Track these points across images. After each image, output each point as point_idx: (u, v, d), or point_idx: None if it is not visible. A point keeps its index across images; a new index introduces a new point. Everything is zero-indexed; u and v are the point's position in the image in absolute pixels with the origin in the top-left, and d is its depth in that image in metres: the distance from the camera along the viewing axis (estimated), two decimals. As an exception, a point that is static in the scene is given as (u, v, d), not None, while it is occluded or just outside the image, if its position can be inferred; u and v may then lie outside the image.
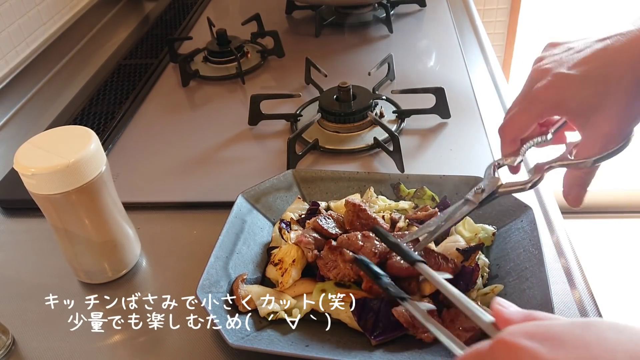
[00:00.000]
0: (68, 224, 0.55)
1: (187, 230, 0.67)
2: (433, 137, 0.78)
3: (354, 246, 0.53)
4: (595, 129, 0.43)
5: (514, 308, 0.33)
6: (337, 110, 0.79)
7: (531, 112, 0.46)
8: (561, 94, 0.44)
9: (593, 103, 0.42)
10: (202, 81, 0.99)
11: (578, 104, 0.43)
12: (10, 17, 0.98)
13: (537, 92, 0.45)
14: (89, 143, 0.53)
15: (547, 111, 0.46)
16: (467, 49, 1.01)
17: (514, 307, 0.33)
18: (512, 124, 0.48)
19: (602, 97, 0.42)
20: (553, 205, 0.66)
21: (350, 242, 0.54)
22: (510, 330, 0.29)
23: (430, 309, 0.45)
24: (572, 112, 0.44)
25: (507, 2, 1.84)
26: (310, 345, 0.49)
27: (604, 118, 0.42)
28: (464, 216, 0.50)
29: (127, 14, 1.33)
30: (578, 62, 0.43)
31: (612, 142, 0.43)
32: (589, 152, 0.44)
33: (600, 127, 0.43)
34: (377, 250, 0.52)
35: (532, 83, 0.46)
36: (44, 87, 1.02)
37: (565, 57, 0.45)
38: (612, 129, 0.43)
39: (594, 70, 0.42)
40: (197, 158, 0.78)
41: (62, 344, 0.54)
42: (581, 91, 0.43)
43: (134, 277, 0.61)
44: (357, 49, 1.05)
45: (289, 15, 1.22)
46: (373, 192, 0.63)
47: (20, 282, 0.62)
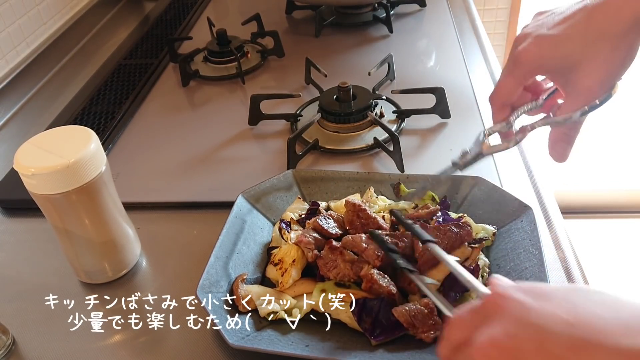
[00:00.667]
0: (68, 224, 0.55)
1: (187, 230, 0.67)
2: (433, 137, 0.78)
3: (357, 247, 0.53)
4: (575, 85, 0.44)
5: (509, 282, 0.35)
6: (337, 110, 0.79)
7: (515, 74, 0.47)
8: (542, 54, 0.45)
9: (572, 60, 0.43)
10: (202, 81, 0.99)
11: (558, 62, 0.44)
12: (10, 17, 0.98)
13: (519, 54, 0.46)
14: (89, 143, 0.53)
15: (530, 72, 0.47)
16: (467, 49, 1.01)
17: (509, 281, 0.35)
18: (499, 90, 0.49)
19: (580, 53, 0.43)
20: (553, 205, 0.66)
21: (354, 243, 0.54)
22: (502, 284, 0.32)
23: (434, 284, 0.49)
24: (553, 71, 0.46)
25: (507, 2, 1.84)
26: (310, 345, 0.49)
27: (584, 73, 0.43)
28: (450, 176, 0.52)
29: (127, 14, 1.33)
30: (557, 22, 0.45)
31: (593, 96, 0.44)
32: (571, 107, 0.45)
33: (580, 82, 0.44)
34: (380, 253, 0.52)
35: (515, 46, 0.47)
36: (44, 87, 1.02)
37: (546, 19, 0.46)
38: (592, 84, 0.43)
39: (571, 27, 0.44)
40: (197, 158, 0.78)
41: (62, 344, 0.54)
42: (560, 49, 0.44)
43: (134, 277, 0.61)
44: (357, 49, 1.05)
45: (289, 15, 1.22)
46: (373, 192, 0.63)
47: (20, 282, 0.62)
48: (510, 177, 0.69)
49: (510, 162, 0.72)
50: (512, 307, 0.30)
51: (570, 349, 0.26)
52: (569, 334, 0.27)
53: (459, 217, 0.59)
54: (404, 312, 0.49)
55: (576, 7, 0.44)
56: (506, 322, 0.29)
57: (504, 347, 0.28)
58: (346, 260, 0.53)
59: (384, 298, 0.50)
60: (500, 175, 0.69)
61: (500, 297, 0.31)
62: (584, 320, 0.27)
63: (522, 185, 0.69)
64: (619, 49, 0.42)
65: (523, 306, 0.29)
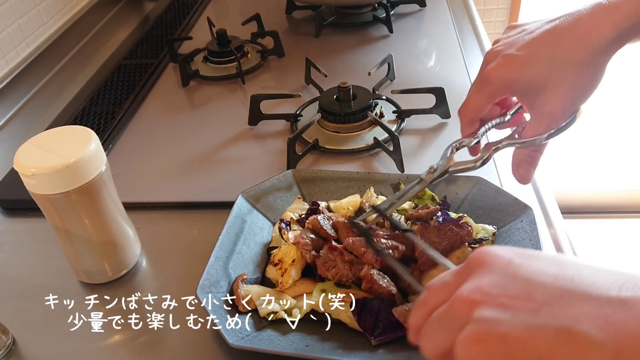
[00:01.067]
0: (68, 224, 0.55)
1: (187, 230, 0.67)
2: (433, 137, 0.78)
3: (357, 251, 0.53)
4: (540, 108, 0.44)
5: None
6: (337, 110, 0.79)
7: (483, 92, 0.48)
8: (509, 75, 0.45)
9: (539, 83, 0.44)
10: (202, 81, 0.99)
11: (525, 84, 0.45)
12: (10, 17, 0.98)
13: (488, 73, 0.47)
14: (89, 143, 0.53)
15: (498, 91, 0.47)
16: (467, 49, 1.01)
17: None
18: (467, 105, 0.50)
19: (547, 77, 0.43)
20: (553, 205, 0.66)
21: (354, 246, 0.53)
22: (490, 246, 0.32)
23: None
24: (520, 92, 0.46)
25: (507, 2, 1.84)
26: (310, 345, 0.49)
27: (549, 97, 0.44)
28: (416, 193, 0.52)
29: (127, 14, 1.33)
30: (527, 43, 0.45)
31: (556, 121, 0.44)
32: (535, 130, 0.46)
33: (545, 106, 0.44)
34: (379, 257, 0.52)
35: (485, 64, 0.48)
36: (44, 87, 1.03)
37: (517, 38, 0.46)
38: (556, 108, 0.44)
39: (540, 50, 0.44)
40: (197, 158, 0.78)
41: (62, 344, 0.54)
42: (528, 71, 0.44)
43: (134, 277, 0.61)
44: (357, 49, 1.05)
45: (289, 15, 1.22)
46: (373, 192, 0.63)
47: (20, 282, 0.62)
48: (510, 177, 0.69)
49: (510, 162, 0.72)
50: (498, 262, 0.29)
51: (557, 296, 0.26)
52: (557, 285, 0.27)
53: (459, 217, 0.59)
54: (404, 312, 0.49)
55: (547, 27, 0.44)
56: (492, 274, 0.28)
57: (490, 294, 0.27)
58: (345, 260, 0.53)
59: (384, 298, 0.50)
60: (500, 175, 0.69)
61: (485, 253, 0.30)
62: (572, 274, 0.27)
63: (522, 185, 0.69)
64: (584, 75, 0.42)
65: (510, 262, 0.29)
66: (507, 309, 0.26)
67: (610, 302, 0.25)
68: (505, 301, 0.27)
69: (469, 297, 0.28)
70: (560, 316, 0.25)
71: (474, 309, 0.27)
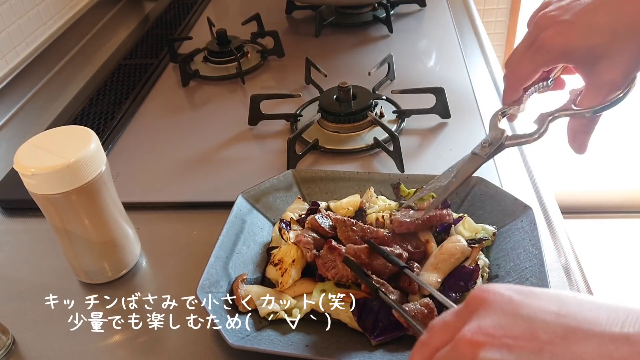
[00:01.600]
0: (68, 224, 0.55)
1: (187, 230, 0.67)
2: (433, 137, 0.78)
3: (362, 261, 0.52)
4: (600, 77, 0.43)
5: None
6: (337, 110, 0.79)
7: (537, 60, 0.46)
8: (568, 43, 0.43)
9: (600, 52, 0.42)
10: (202, 81, 0.99)
11: (585, 53, 0.43)
12: (10, 17, 0.98)
13: (543, 40, 0.45)
14: (89, 143, 0.53)
15: (553, 60, 0.45)
16: (467, 49, 1.01)
17: None
18: (518, 73, 0.48)
19: (608, 46, 0.42)
20: (553, 205, 0.66)
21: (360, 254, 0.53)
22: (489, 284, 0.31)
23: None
24: (578, 61, 0.44)
25: (507, 2, 1.84)
26: (310, 345, 0.49)
27: (610, 66, 0.42)
28: (474, 170, 0.49)
29: (127, 14, 1.33)
30: (584, 9, 0.43)
31: (616, 90, 0.43)
32: (593, 100, 0.44)
33: (605, 75, 0.43)
34: (388, 269, 0.52)
35: (537, 30, 0.45)
36: (44, 87, 1.02)
37: (571, 3, 0.44)
38: (617, 77, 0.43)
39: (601, 18, 0.42)
40: (197, 158, 0.78)
41: (62, 344, 0.54)
42: (588, 40, 0.43)
43: (134, 277, 0.61)
44: (357, 49, 1.05)
45: (289, 15, 1.22)
46: (373, 192, 0.63)
47: (20, 282, 0.62)
48: (510, 177, 0.69)
49: (510, 162, 0.72)
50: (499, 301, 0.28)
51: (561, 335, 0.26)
52: (559, 323, 0.26)
53: (459, 217, 0.59)
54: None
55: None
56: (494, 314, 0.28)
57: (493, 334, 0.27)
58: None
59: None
60: (500, 175, 0.69)
61: (485, 291, 0.29)
62: (574, 312, 0.27)
63: (522, 185, 0.69)
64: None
65: (510, 300, 0.28)
66: (511, 350, 0.26)
67: (614, 339, 0.25)
68: (509, 342, 0.26)
69: (472, 338, 0.28)
70: (564, 355, 0.25)
71: (478, 351, 0.27)
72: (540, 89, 0.49)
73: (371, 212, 0.60)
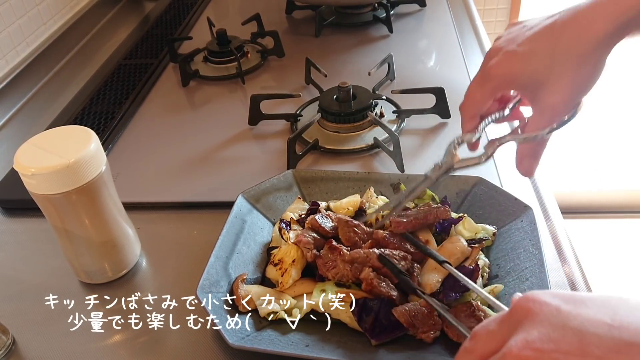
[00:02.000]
0: (68, 224, 0.55)
1: (187, 230, 0.67)
2: (433, 137, 0.78)
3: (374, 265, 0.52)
4: (542, 102, 0.45)
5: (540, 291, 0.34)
6: (337, 110, 0.79)
7: (485, 88, 0.48)
8: (511, 70, 0.46)
9: (540, 77, 0.44)
10: (202, 81, 0.99)
11: (527, 79, 0.45)
12: (10, 17, 0.98)
13: (490, 69, 0.47)
14: (89, 143, 0.53)
15: (499, 86, 0.48)
16: (467, 49, 1.01)
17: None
18: (469, 101, 0.50)
19: (548, 72, 0.43)
20: (553, 205, 0.66)
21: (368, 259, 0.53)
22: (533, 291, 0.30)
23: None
24: (521, 87, 0.46)
25: (507, 2, 1.84)
26: (310, 345, 0.49)
27: (550, 91, 0.44)
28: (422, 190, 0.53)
29: (127, 14, 1.33)
30: (527, 38, 0.45)
31: (558, 115, 0.44)
32: (538, 124, 0.46)
33: (547, 99, 0.44)
34: None
35: (487, 61, 0.48)
36: (44, 87, 1.02)
37: (518, 34, 0.47)
38: (557, 102, 0.44)
39: (540, 45, 0.44)
40: (197, 158, 0.78)
41: (62, 344, 0.54)
42: (529, 66, 0.44)
43: (134, 277, 0.61)
44: (357, 49, 1.05)
45: (289, 15, 1.22)
46: (373, 192, 0.63)
47: (20, 282, 0.62)
48: (510, 177, 0.69)
49: (510, 162, 0.72)
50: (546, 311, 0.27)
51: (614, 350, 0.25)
52: (612, 336, 0.25)
53: (459, 217, 0.59)
54: (404, 312, 0.49)
55: (546, 22, 0.44)
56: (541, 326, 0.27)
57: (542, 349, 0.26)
58: (345, 260, 0.53)
59: (384, 298, 0.50)
60: (500, 175, 0.69)
61: (532, 301, 0.28)
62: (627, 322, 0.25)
63: (522, 185, 0.69)
64: (585, 68, 0.42)
65: (559, 311, 0.27)
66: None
67: None
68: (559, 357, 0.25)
69: (520, 354, 0.27)
70: None
71: None
72: (497, 119, 0.51)
73: (371, 212, 0.60)
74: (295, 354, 0.47)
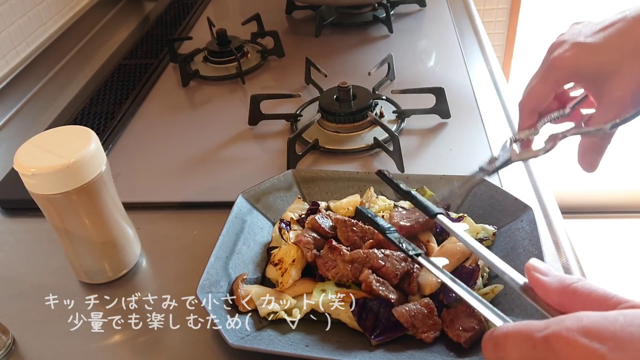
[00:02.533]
0: (68, 224, 0.55)
1: (187, 230, 0.67)
2: (433, 137, 0.78)
3: (375, 265, 0.52)
4: (609, 95, 0.44)
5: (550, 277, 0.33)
6: (337, 110, 0.79)
7: (549, 80, 0.47)
8: (577, 61, 0.45)
9: (608, 69, 0.43)
10: (202, 81, 0.99)
11: (593, 71, 0.44)
12: (10, 17, 0.98)
13: (554, 60, 0.46)
14: (89, 143, 0.53)
15: (564, 78, 0.47)
16: (467, 49, 1.01)
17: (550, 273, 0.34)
18: (531, 95, 0.49)
19: (616, 64, 0.43)
20: (553, 205, 0.66)
21: (369, 259, 0.53)
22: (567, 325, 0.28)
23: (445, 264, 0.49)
24: (587, 79, 0.45)
25: (507, 2, 1.84)
26: (310, 345, 0.49)
27: (618, 84, 0.43)
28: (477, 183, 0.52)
29: (127, 14, 1.33)
30: (595, 31, 0.45)
31: (625, 108, 0.44)
32: (602, 117, 0.45)
33: (614, 92, 0.43)
34: (398, 272, 0.52)
35: (550, 53, 0.47)
36: (44, 87, 1.02)
37: (584, 28, 0.46)
38: (625, 95, 0.43)
39: (609, 37, 0.43)
40: (197, 158, 0.78)
41: (62, 344, 0.54)
42: (596, 58, 0.44)
43: (134, 277, 0.61)
44: (357, 49, 1.05)
45: (289, 15, 1.22)
46: (373, 192, 0.63)
47: (20, 282, 0.62)
48: (510, 177, 0.69)
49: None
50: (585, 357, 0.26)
51: None
52: None
53: (459, 217, 0.59)
54: (404, 312, 0.49)
55: (616, 17, 0.44)
56: None
57: None
58: (345, 260, 0.53)
59: (383, 298, 0.50)
60: (500, 175, 0.69)
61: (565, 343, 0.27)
62: None
63: (522, 185, 0.69)
64: None
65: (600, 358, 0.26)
66: None
67: None
68: None
69: None
70: None
71: None
72: (556, 118, 0.50)
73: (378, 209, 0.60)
74: (295, 354, 0.47)
